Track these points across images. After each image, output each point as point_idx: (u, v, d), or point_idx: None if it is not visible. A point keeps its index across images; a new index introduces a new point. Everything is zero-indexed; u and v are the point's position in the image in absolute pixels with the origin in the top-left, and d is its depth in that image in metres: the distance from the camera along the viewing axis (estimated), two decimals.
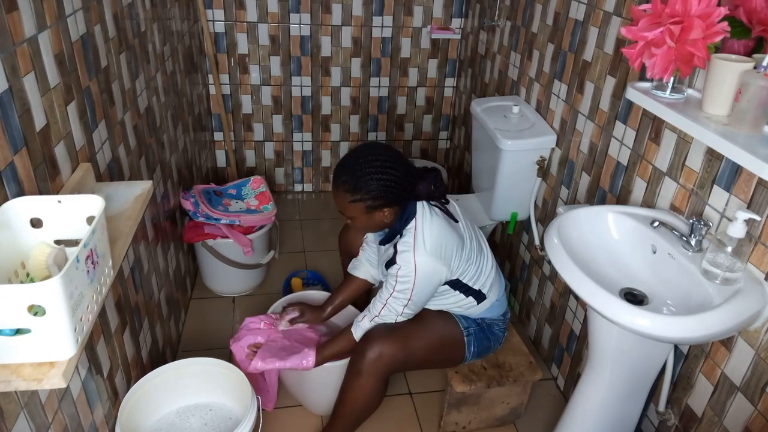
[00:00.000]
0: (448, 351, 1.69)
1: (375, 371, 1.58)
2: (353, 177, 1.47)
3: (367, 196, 1.47)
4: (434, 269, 1.53)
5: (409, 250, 1.51)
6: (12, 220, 0.92)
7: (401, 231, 1.54)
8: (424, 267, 1.51)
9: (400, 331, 1.60)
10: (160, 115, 1.96)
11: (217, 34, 2.86)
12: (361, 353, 1.57)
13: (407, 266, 1.50)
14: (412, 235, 1.51)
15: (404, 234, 1.53)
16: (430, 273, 1.52)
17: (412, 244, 1.50)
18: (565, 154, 1.98)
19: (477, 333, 1.68)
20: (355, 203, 1.49)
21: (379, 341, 1.57)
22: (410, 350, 1.60)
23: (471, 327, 1.68)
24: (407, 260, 1.50)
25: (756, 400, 1.20)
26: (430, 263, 1.51)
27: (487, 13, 2.69)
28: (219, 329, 2.26)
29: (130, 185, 1.29)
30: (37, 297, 0.78)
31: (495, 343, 1.75)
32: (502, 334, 1.76)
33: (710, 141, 1.14)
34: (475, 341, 1.68)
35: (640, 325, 1.13)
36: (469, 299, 1.65)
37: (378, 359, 1.56)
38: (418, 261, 1.50)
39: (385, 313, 1.58)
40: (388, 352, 1.56)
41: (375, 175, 1.46)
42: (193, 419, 1.64)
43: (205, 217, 2.20)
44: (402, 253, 1.52)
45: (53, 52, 1.12)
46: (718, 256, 1.18)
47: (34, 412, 1.00)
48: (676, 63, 1.20)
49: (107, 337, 1.38)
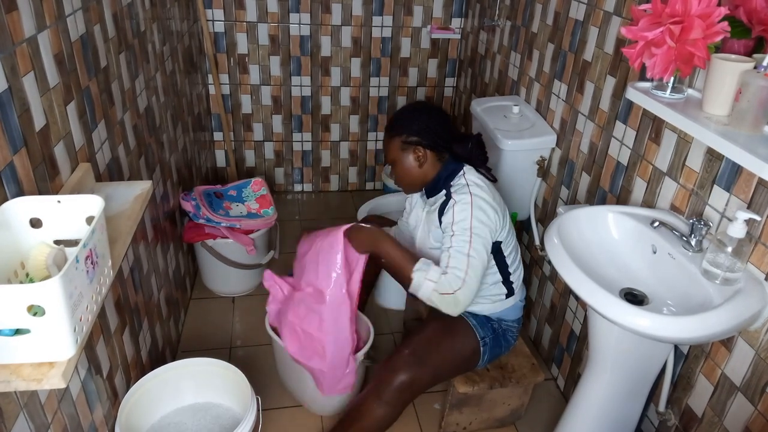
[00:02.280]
0: (467, 363, 1.68)
1: (401, 402, 1.55)
2: (401, 119, 1.66)
3: (405, 131, 1.62)
4: (488, 206, 1.55)
5: (463, 186, 1.57)
6: (11, 220, 0.91)
7: (449, 183, 1.62)
8: (480, 201, 1.54)
9: (427, 358, 1.57)
10: (159, 115, 1.95)
11: (217, 34, 2.86)
12: (387, 383, 1.53)
13: (464, 199, 1.54)
14: (462, 178, 1.60)
15: (454, 181, 1.61)
16: (485, 209, 1.53)
17: (466, 183, 1.58)
18: (565, 154, 1.98)
19: (492, 341, 1.68)
20: (393, 138, 1.65)
21: (407, 371, 1.53)
22: (436, 375, 1.60)
23: (487, 336, 1.67)
24: (463, 193, 1.55)
25: (756, 401, 1.20)
26: (485, 199, 1.55)
27: (487, 12, 2.69)
28: (219, 329, 2.26)
29: (129, 185, 1.29)
30: (36, 297, 0.78)
31: (506, 349, 1.75)
32: (514, 340, 1.77)
33: (710, 141, 1.14)
34: (489, 350, 1.68)
35: (640, 325, 1.13)
36: (502, 288, 1.66)
37: (406, 391, 1.54)
38: (474, 193, 1.55)
39: (453, 262, 1.47)
40: (417, 382, 1.55)
41: (417, 116, 1.64)
42: (193, 419, 1.64)
43: (206, 220, 2.21)
44: (457, 191, 1.57)
45: (53, 51, 1.12)
46: (718, 256, 1.18)
47: (33, 413, 1.00)
48: (676, 63, 1.20)
49: (107, 337, 1.38)
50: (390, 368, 1.55)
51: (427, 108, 1.69)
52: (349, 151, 3.30)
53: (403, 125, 1.63)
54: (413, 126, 1.62)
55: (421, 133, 1.61)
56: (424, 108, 1.69)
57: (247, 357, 2.12)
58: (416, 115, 1.65)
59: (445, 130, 1.64)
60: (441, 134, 1.63)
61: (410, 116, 1.64)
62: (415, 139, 1.61)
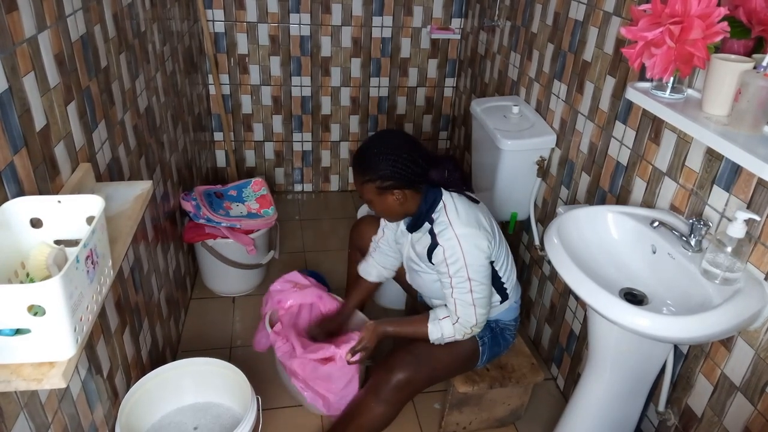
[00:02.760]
0: (465, 363, 1.68)
1: (398, 400, 1.57)
2: (365, 158, 1.52)
3: (377, 176, 1.50)
4: (477, 238, 1.51)
5: (446, 227, 1.51)
6: (12, 220, 0.92)
7: (430, 216, 1.55)
8: (467, 238, 1.49)
9: (425, 358, 1.58)
10: (160, 115, 1.96)
11: (217, 34, 2.86)
12: (385, 382, 1.55)
13: (450, 243, 1.49)
14: (443, 214, 1.53)
15: (435, 217, 1.54)
16: (474, 243, 1.50)
17: (448, 221, 1.51)
18: (564, 154, 1.98)
19: (490, 341, 1.68)
20: (366, 184, 1.52)
21: (404, 370, 1.55)
22: (434, 375, 1.61)
23: (486, 336, 1.67)
24: (448, 237, 1.50)
25: (756, 400, 1.20)
26: (471, 233, 1.50)
27: (486, 13, 2.69)
28: (219, 329, 2.26)
29: (130, 185, 1.29)
30: (36, 297, 0.78)
31: (505, 348, 1.75)
32: (512, 339, 1.76)
33: (710, 141, 1.14)
34: (488, 350, 1.68)
35: (639, 325, 1.13)
36: (495, 296, 1.64)
37: (403, 390, 1.55)
38: (459, 233, 1.49)
39: (461, 312, 1.53)
40: (415, 381, 1.56)
41: (385, 156, 1.49)
42: (193, 419, 1.65)
43: (206, 220, 2.21)
44: (441, 233, 1.51)
45: (53, 52, 1.12)
46: (717, 256, 1.18)
47: (33, 412, 1.00)
48: (676, 63, 1.20)
49: (107, 337, 1.38)
50: (388, 367, 1.57)
51: (393, 143, 1.53)
52: (349, 151, 3.31)
53: (373, 170, 1.50)
54: (384, 170, 1.49)
55: (395, 176, 1.49)
56: (390, 145, 1.52)
57: (247, 357, 2.12)
58: (384, 156, 1.49)
59: (417, 162, 1.51)
60: (414, 170, 1.51)
61: (378, 159, 1.49)
62: (389, 183, 1.50)
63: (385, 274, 1.86)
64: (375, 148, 1.52)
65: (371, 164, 1.50)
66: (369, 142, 1.56)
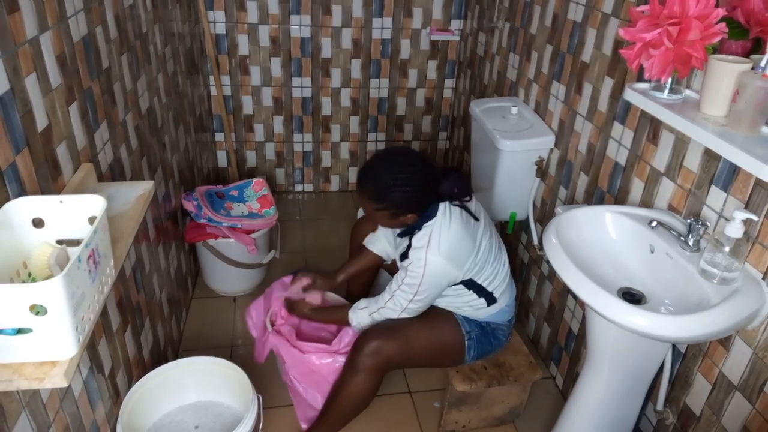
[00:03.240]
0: (448, 353, 1.69)
1: (372, 368, 1.59)
2: (378, 187, 1.51)
3: (392, 205, 1.52)
4: (444, 270, 1.54)
5: (422, 247, 1.52)
6: (14, 220, 0.92)
7: (420, 226, 1.56)
8: (434, 266, 1.52)
9: (400, 330, 1.61)
10: (161, 115, 1.96)
11: (218, 36, 2.86)
12: (359, 350, 1.59)
13: (417, 262, 1.53)
14: (428, 234, 1.53)
15: (421, 229, 1.55)
16: (439, 273, 1.54)
17: (426, 243, 1.52)
18: (563, 154, 1.98)
19: (479, 337, 1.68)
20: (380, 211, 1.54)
21: (377, 338, 1.58)
22: (409, 350, 1.61)
23: (473, 331, 1.68)
24: (419, 257, 1.52)
25: (754, 399, 1.21)
26: (441, 264, 1.52)
27: (486, 14, 2.69)
28: (220, 328, 2.27)
29: (131, 185, 1.30)
30: (38, 296, 0.78)
31: (497, 346, 1.76)
32: (505, 338, 1.77)
33: (708, 141, 1.15)
34: (476, 345, 1.69)
35: (638, 324, 1.13)
36: (480, 300, 1.65)
37: (375, 356, 1.57)
38: (429, 259, 1.51)
39: (390, 306, 1.61)
40: (387, 349, 1.58)
41: (399, 188, 1.49)
42: (194, 418, 1.65)
43: (207, 220, 2.21)
44: (415, 249, 1.54)
45: (55, 53, 1.13)
46: (715, 256, 1.19)
47: (35, 412, 1.01)
48: (674, 64, 1.21)
49: (109, 336, 1.39)
50: (362, 337, 1.62)
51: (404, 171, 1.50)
52: (350, 151, 3.31)
53: (381, 197, 1.50)
54: (394, 198, 1.50)
55: (403, 205, 1.51)
56: (401, 172, 1.50)
57: (248, 356, 2.13)
58: (393, 186, 1.48)
59: (426, 185, 1.51)
60: (423, 195, 1.52)
61: (386, 188, 1.49)
62: (404, 210, 1.52)
63: (389, 251, 1.86)
64: (387, 176, 1.49)
65: (385, 195, 1.50)
66: (378, 169, 1.52)
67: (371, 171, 1.54)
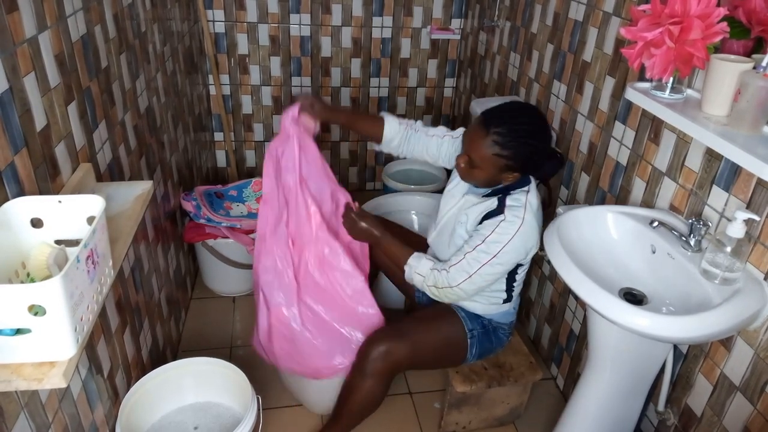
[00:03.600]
0: (452, 352, 1.68)
1: (380, 372, 1.57)
2: (512, 134, 1.42)
3: (515, 157, 1.43)
4: (533, 237, 1.50)
5: (520, 206, 1.48)
6: (12, 220, 0.92)
7: (509, 191, 1.51)
8: (528, 228, 1.47)
9: (408, 333, 1.59)
10: (160, 115, 1.96)
11: (218, 35, 2.86)
12: (367, 354, 1.57)
13: (514, 219, 1.46)
14: (524, 196, 1.50)
15: (515, 192, 1.51)
16: (528, 238, 1.49)
17: (524, 203, 1.48)
18: (564, 154, 1.98)
19: (481, 336, 1.68)
20: (497, 157, 1.44)
21: (385, 342, 1.56)
22: (416, 352, 1.60)
23: (476, 329, 1.67)
24: (516, 214, 1.47)
25: (755, 400, 1.20)
26: (533, 229, 1.49)
27: (486, 13, 2.69)
28: (219, 329, 2.27)
29: (130, 185, 1.29)
30: (37, 297, 0.78)
31: (498, 345, 1.75)
32: (506, 338, 1.76)
33: (709, 141, 1.15)
34: (478, 343, 1.68)
35: (639, 324, 1.13)
36: (502, 294, 1.64)
37: (383, 360, 1.56)
38: (527, 218, 1.47)
39: (455, 270, 1.51)
40: (395, 353, 1.56)
41: (531, 142, 1.43)
42: (194, 419, 1.65)
43: (207, 220, 2.21)
44: (512, 207, 1.48)
45: (54, 52, 1.12)
46: (717, 256, 1.18)
47: (34, 412, 1.00)
48: (676, 63, 1.20)
49: (108, 336, 1.38)
50: (369, 341, 1.60)
51: (540, 129, 1.47)
52: (350, 151, 3.31)
53: (509, 144, 1.42)
54: (521, 150, 1.43)
55: (526, 164, 1.46)
56: (537, 130, 1.46)
57: (247, 356, 2.12)
58: (528, 137, 1.43)
59: (545, 158, 1.51)
60: (541, 165, 1.50)
61: (520, 136, 1.42)
62: (516, 166, 1.45)
63: (400, 138, 1.70)
64: (525, 127, 1.43)
65: (516, 145, 1.42)
66: (517, 114, 1.45)
67: (510, 114, 1.45)
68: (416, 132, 1.71)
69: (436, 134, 1.70)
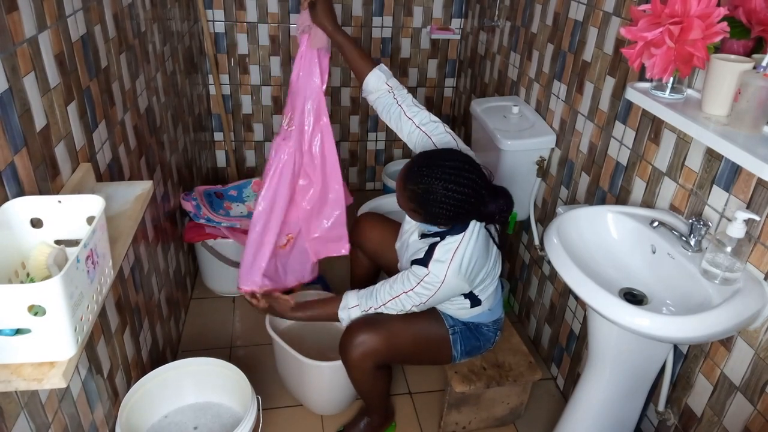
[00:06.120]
0: (434, 348, 1.68)
1: (361, 365, 1.60)
2: (423, 194, 1.39)
3: (429, 215, 1.43)
4: (458, 287, 1.52)
5: (445, 262, 1.46)
6: (12, 220, 0.92)
7: (444, 236, 1.49)
8: (451, 283, 1.49)
9: (383, 326, 1.59)
10: (160, 115, 1.96)
11: (217, 35, 2.86)
12: (345, 347, 1.59)
13: (436, 277, 1.47)
14: (452, 250, 1.47)
15: (446, 241, 1.48)
16: (453, 289, 1.52)
17: (450, 259, 1.46)
18: (564, 154, 1.98)
19: (463, 332, 1.67)
20: (415, 212, 1.45)
21: (361, 332, 1.58)
22: (393, 345, 1.60)
23: (457, 325, 1.67)
24: (439, 271, 1.47)
25: (755, 400, 1.20)
26: (457, 281, 1.49)
27: (486, 13, 2.69)
28: (219, 329, 2.27)
29: (130, 185, 1.29)
30: (37, 297, 0.78)
31: (485, 342, 1.73)
32: (493, 335, 1.74)
33: (709, 141, 1.14)
34: (461, 340, 1.67)
35: (639, 324, 1.13)
36: (465, 301, 1.63)
37: (359, 350, 1.57)
38: (449, 276, 1.47)
39: (391, 306, 1.56)
40: (368, 343, 1.57)
41: (445, 205, 1.38)
42: (193, 419, 1.65)
43: (206, 220, 2.21)
44: (436, 263, 1.47)
45: (53, 52, 1.12)
46: (717, 256, 1.18)
47: (34, 412, 1.00)
48: (676, 63, 1.20)
49: (107, 337, 1.38)
50: (347, 332, 1.61)
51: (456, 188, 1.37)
52: (350, 151, 3.31)
53: (422, 204, 1.40)
54: (433, 211, 1.40)
55: (448, 217, 1.42)
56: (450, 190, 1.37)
57: (247, 357, 2.13)
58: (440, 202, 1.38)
59: (472, 208, 1.42)
60: (464, 217, 1.44)
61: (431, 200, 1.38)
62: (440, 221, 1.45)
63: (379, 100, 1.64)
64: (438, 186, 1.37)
65: (428, 204, 1.40)
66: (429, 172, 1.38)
67: (425, 172, 1.39)
68: (398, 106, 1.62)
69: (413, 120, 1.60)
